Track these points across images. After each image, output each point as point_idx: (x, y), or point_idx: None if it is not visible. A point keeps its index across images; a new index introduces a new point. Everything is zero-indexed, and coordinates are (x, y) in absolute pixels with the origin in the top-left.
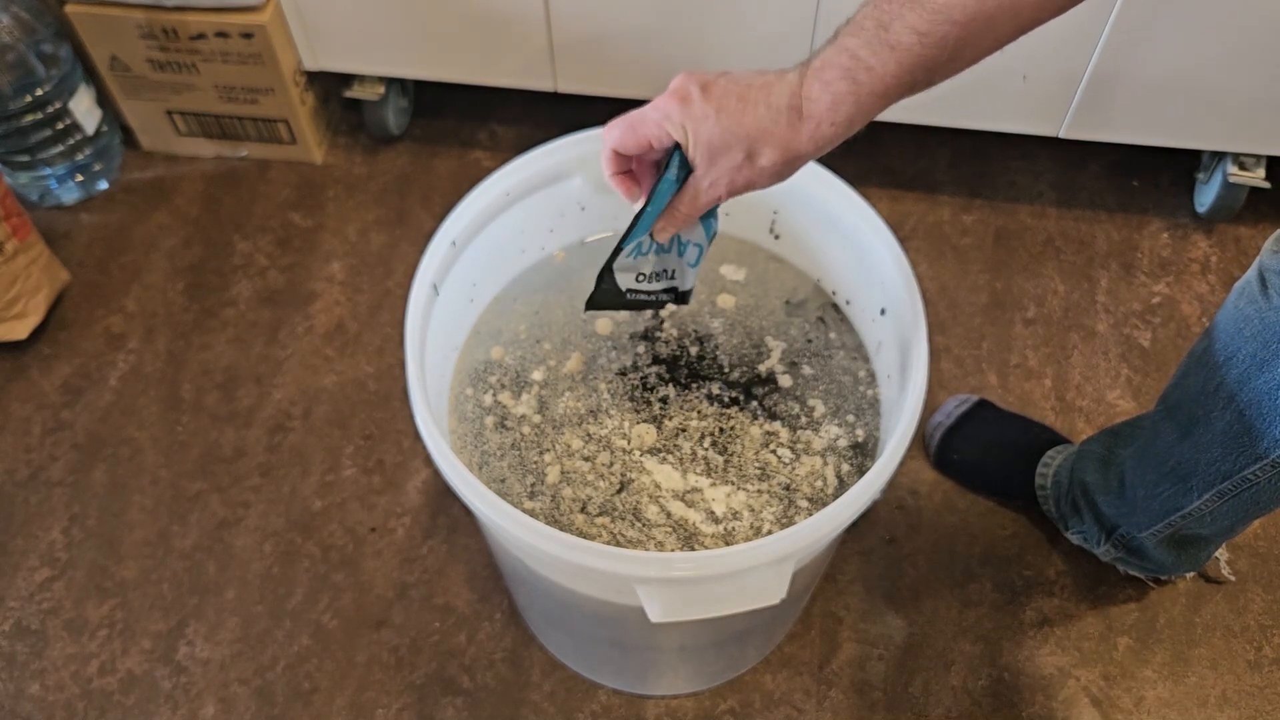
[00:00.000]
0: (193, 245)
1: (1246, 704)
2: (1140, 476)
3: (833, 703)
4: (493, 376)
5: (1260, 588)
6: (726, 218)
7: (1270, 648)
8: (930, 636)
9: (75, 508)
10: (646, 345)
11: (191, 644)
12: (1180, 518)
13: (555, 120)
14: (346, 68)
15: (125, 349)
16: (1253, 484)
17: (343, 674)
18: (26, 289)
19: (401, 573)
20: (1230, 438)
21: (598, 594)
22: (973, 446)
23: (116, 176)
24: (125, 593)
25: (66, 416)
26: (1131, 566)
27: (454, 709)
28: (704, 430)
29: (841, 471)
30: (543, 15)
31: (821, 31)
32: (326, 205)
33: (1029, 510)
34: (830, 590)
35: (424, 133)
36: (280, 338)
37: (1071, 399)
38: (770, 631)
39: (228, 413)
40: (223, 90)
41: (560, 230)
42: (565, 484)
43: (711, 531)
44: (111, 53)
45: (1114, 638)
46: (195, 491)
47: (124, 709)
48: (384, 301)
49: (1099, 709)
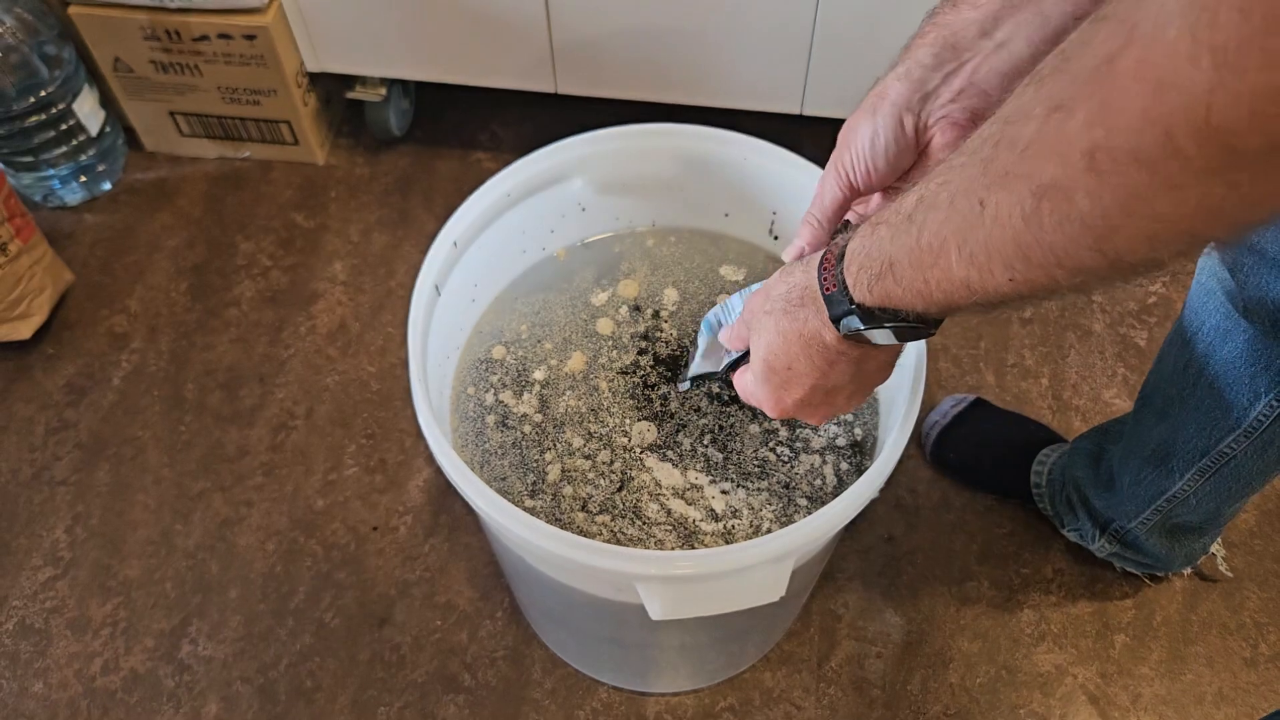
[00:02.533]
0: (196, 246)
1: (1243, 701)
2: (1125, 465)
3: (831, 700)
4: (494, 375)
5: (1256, 585)
6: (726, 218)
7: (1266, 645)
8: (928, 634)
9: (79, 507)
10: (647, 345)
11: (194, 642)
12: (1165, 502)
13: (556, 122)
14: (349, 69)
15: (129, 349)
16: (1230, 457)
17: (345, 672)
18: (30, 289)
19: (403, 571)
20: (1203, 412)
21: (598, 592)
22: (968, 445)
23: (120, 177)
24: (128, 591)
25: (70, 416)
26: (1127, 562)
27: (455, 706)
28: (704, 427)
29: (840, 470)
30: (543, 17)
31: (821, 33)
32: (329, 206)
33: (1026, 508)
34: (829, 588)
35: (426, 134)
36: (283, 337)
37: (1068, 398)
38: (769, 629)
39: (230, 412)
40: (225, 91)
41: (561, 231)
42: (566, 482)
43: (711, 529)
44: (115, 54)
45: (1111, 635)
46: (198, 490)
47: (127, 707)
48: (386, 301)
49: (1096, 706)
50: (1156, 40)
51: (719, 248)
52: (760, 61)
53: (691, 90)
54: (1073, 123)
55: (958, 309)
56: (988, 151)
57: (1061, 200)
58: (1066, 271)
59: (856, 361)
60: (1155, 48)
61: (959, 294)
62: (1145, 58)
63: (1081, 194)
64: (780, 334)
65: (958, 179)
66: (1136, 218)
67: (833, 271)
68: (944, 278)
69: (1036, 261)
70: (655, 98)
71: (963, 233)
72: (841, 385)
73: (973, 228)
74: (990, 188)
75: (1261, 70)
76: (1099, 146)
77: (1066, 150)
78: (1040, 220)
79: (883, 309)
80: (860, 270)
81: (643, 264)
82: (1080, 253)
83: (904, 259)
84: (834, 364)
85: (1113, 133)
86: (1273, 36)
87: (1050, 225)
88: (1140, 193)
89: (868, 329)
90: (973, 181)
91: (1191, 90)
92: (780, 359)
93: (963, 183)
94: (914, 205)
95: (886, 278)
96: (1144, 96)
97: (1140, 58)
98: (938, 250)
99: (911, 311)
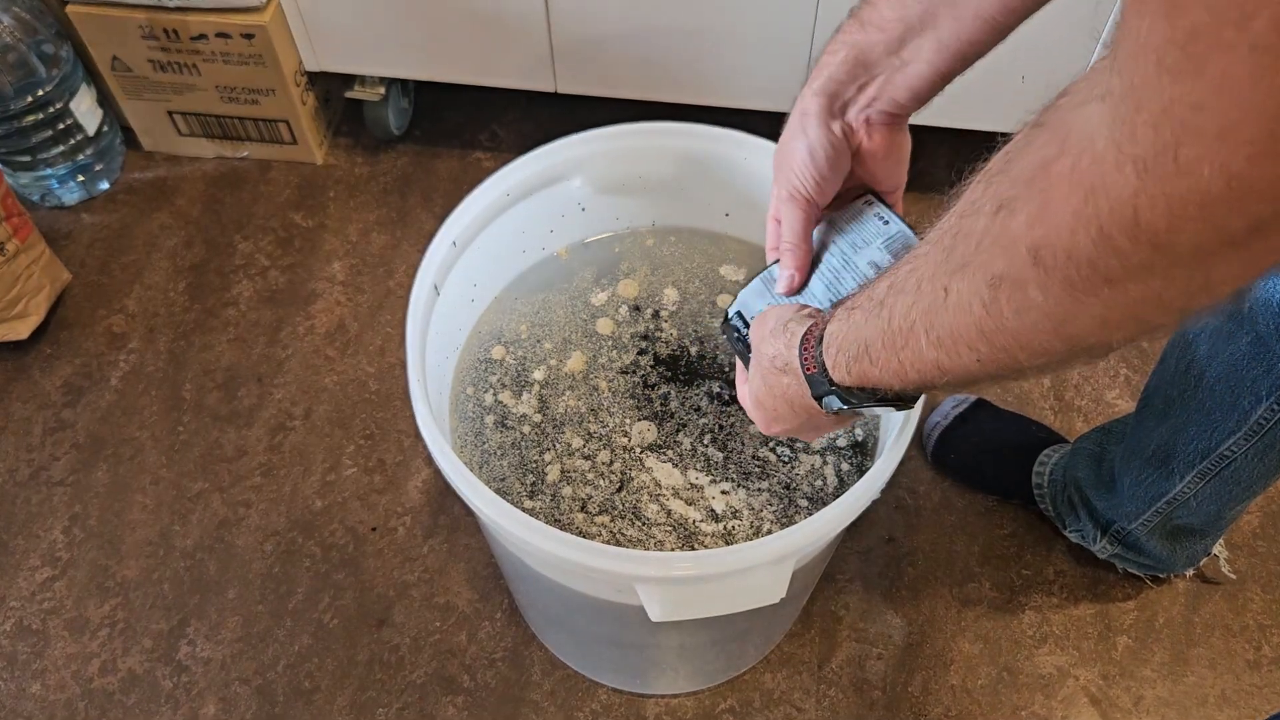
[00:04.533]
0: (194, 245)
1: (1245, 703)
2: (1126, 466)
3: (832, 702)
4: (493, 376)
5: (1259, 587)
6: (727, 218)
7: (1269, 647)
8: (929, 635)
9: (76, 507)
10: (647, 345)
11: (193, 643)
12: (1166, 504)
13: (556, 121)
14: (348, 68)
15: (126, 349)
16: (1230, 460)
17: (344, 673)
18: (28, 289)
19: (402, 572)
20: (1204, 414)
21: (598, 593)
22: (970, 446)
23: (118, 177)
24: (126, 592)
25: (68, 416)
26: (1129, 563)
27: (454, 708)
28: (704, 426)
29: (841, 470)
30: (543, 16)
31: (821, 32)
32: (328, 205)
33: (1028, 509)
34: (830, 589)
35: (425, 133)
36: (281, 338)
37: (1070, 398)
38: (770, 630)
39: (229, 412)
40: (224, 91)
41: (561, 230)
42: (565, 483)
43: (711, 530)
44: (113, 53)
45: (1113, 637)
46: (196, 491)
47: (125, 708)
48: (385, 301)
49: (1098, 708)
50: (1086, 150)
51: (719, 247)
52: (761, 61)
53: (692, 89)
54: (1015, 222)
55: (933, 387)
56: (948, 241)
57: (1016, 291)
58: (1028, 354)
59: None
60: (1084, 157)
61: (931, 373)
62: (1077, 164)
63: (1033, 286)
64: (768, 387)
65: (923, 266)
66: (1086, 306)
67: (813, 353)
68: (916, 359)
69: (999, 345)
70: (655, 97)
71: (929, 317)
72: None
73: (938, 312)
74: (951, 275)
75: (1175, 178)
76: (1041, 244)
77: (1013, 247)
78: (1000, 308)
79: (861, 388)
80: (839, 353)
81: (643, 264)
82: (1040, 337)
83: (877, 341)
84: (816, 417)
85: (1052, 231)
86: (1183, 148)
87: (1009, 313)
88: (1084, 286)
89: (848, 408)
90: (936, 268)
91: (1120, 195)
92: (768, 403)
93: (928, 269)
94: (885, 291)
95: (863, 359)
96: (1077, 199)
97: (1073, 164)
98: (907, 332)
99: (889, 390)
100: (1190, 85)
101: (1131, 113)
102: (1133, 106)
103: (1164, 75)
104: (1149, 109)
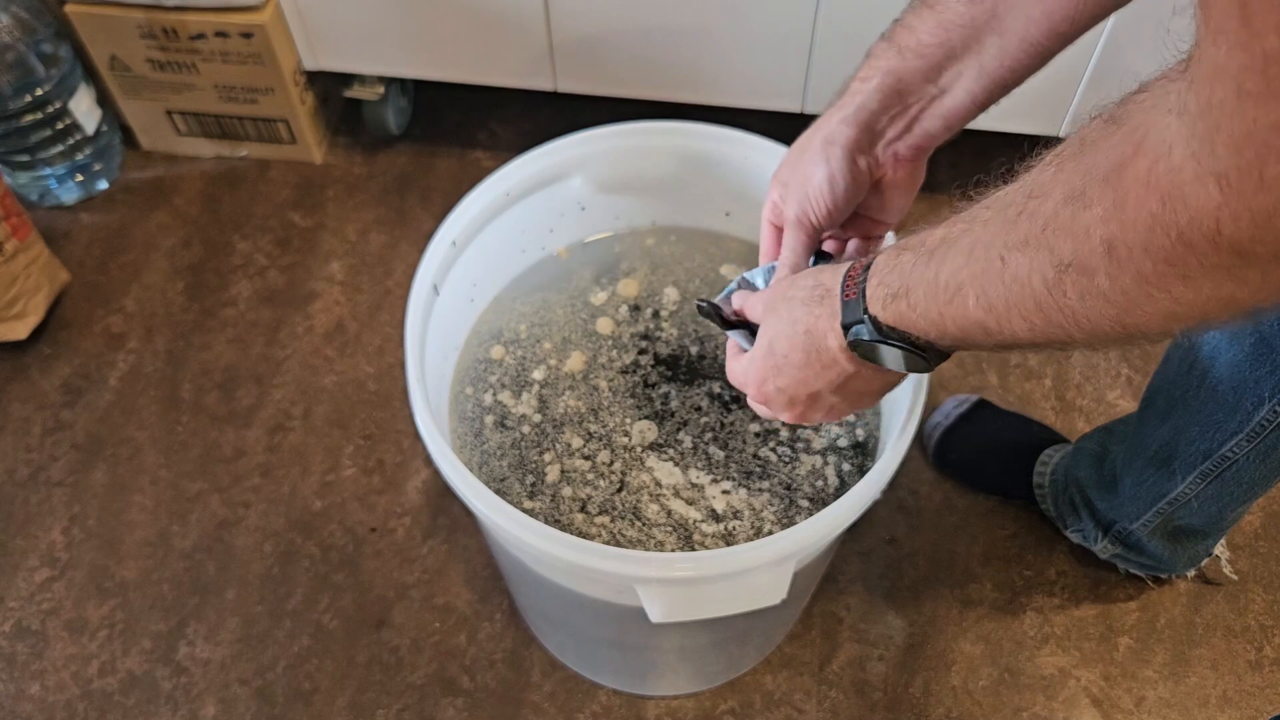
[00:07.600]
0: (192, 245)
1: (1247, 704)
2: (1127, 466)
3: (833, 703)
4: (493, 376)
5: (1261, 588)
6: (727, 217)
7: (1271, 648)
8: (931, 637)
9: (75, 508)
10: (647, 344)
11: (192, 644)
12: (1167, 504)
13: (555, 120)
14: (346, 67)
15: (125, 349)
16: (1232, 461)
17: (343, 674)
18: (26, 289)
19: (401, 573)
20: (1206, 415)
21: (598, 594)
22: (970, 446)
23: (116, 176)
24: (125, 593)
25: (66, 416)
26: (1130, 564)
27: (454, 709)
28: (705, 425)
29: (842, 471)
30: (542, 15)
31: (821, 32)
32: (326, 205)
33: (1029, 510)
34: (830, 590)
35: (424, 132)
36: (280, 338)
37: (1071, 398)
38: (770, 632)
39: (227, 413)
40: (222, 90)
41: (560, 230)
42: (565, 483)
43: (712, 531)
44: (111, 52)
45: (1115, 638)
46: (195, 491)
47: (124, 709)
48: (384, 301)
49: (1099, 709)
50: (1162, 158)
51: (719, 247)
52: (761, 60)
53: (692, 88)
54: (1089, 214)
55: (974, 346)
56: (1011, 215)
57: (1083, 277)
58: (1084, 333)
59: (848, 375)
60: (1161, 164)
61: (975, 333)
62: (1153, 169)
63: (1103, 275)
64: (791, 322)
65: (980, 231)
66: (1155, 300)
67: (856, 280)
68: (960, 315)
69: (1055, 322)
70: (655, 96)
71: (981, 281)
72: (825, 393)
73: (992, 279)
74: (1011, 249)
75: (1259, 193)
76: (1116, 239)
77: (1085, 236)
78: (1064, 289)
79: (893, 328)
80: (880, 285)
81: (643, 263)
82: (1101, 322)
83: (920, 290)
84: (828, 368)
85: (1129, 228)
86: (1268, 166)
87: (1074, 296)
88: (1158, 281)
89: (873, 342)
90: (994, 237)
91: (1202, 207)
92: (782, 344)
93: (985, 235)
94: (938, 242)
95: (901, 300)
96: (1154, 202)
97: (1149, 169)
98: (955, 291)
99: (923, 338)
100: (1270, 107)
101: (1210, 131)
102: (1211, 125)
103: (1244, 99)
104: (1229, 129)
